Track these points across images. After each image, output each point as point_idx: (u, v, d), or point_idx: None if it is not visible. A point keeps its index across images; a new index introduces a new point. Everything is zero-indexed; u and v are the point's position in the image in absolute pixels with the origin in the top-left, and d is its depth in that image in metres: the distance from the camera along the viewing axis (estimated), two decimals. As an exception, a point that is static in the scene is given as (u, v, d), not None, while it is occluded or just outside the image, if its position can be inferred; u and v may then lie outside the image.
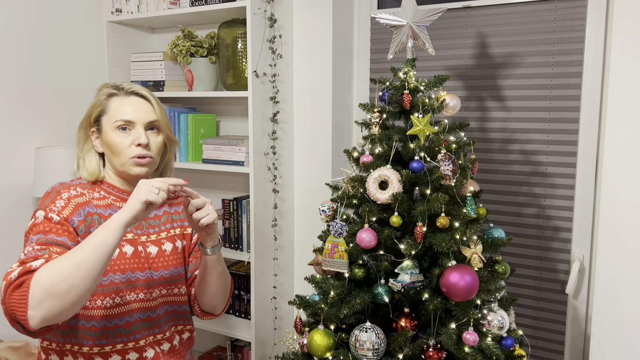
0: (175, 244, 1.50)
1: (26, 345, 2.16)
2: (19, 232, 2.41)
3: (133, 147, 1.38)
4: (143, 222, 1.45)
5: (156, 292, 1.44)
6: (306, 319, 1.76)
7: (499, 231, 1.73)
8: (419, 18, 1.69)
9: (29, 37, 2.41)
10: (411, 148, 1.61)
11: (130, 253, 1.39)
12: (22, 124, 2.40)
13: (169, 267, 1.47)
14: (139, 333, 1.39)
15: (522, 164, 2.14)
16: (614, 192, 1.58)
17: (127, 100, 1.41)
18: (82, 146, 1.45)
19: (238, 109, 2.65)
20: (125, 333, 1.37)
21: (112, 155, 1.40)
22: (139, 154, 1.38)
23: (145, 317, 1.41)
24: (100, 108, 1.41)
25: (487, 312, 1.55)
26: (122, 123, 1.38)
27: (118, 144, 1.38)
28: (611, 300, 1.61)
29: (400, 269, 1.53)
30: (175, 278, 1.49)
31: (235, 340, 2.64)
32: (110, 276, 1.35)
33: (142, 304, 1.40)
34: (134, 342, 1.38)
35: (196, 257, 1.56)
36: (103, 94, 1.42)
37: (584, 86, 2.00)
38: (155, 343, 1.43)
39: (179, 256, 1.51)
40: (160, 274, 1.45)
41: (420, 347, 1.53)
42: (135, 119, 1.39)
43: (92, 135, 1.44)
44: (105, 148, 1.41)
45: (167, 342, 1.46)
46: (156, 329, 1.43)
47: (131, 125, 1.39)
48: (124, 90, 1.42)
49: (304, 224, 2.49)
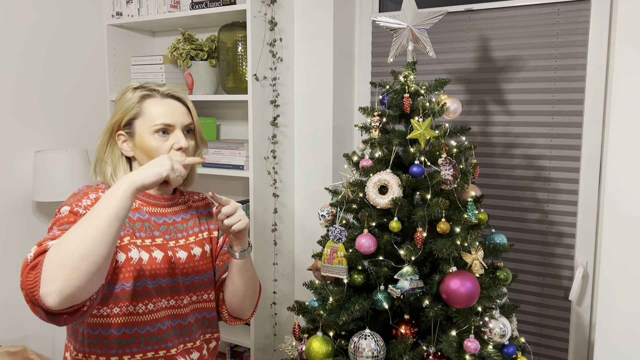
0: (204, 248, 1.46)
1: (23, 350, 2.14)
2: (19, 236, 2.40)
3: (173, 152, 1.35)
4: (171, 227, 1.41)
5: (187, 299, 1.40)
6: (305, 326, 1.74)
7: (500, 237, 1.71)
8: (420, 21, 1.67)
9: (29, 40, 2.41)
10: (411, 152, 1.59)
11: (160, 258, 1.35)
12: (21, 128, 2.39)
13: (199, 272, 1.44)
14: (170, 341, 1.35)
15: (525, 168, 2.11)
16: (618, 197, 1.56)
17: (164, 103, 1.36)
18: (110, 151, 1.39)
19: (238, 112, 2.63)
20: (157, 341, 1.33)
21: (148, 160, 1.35)
22: (181, 159, 1.35)
23: (176, 325, 1.37)
24: (135, 111, 1.35)
25: (488, 319, 1.52)
26: (161, 127, 1.34)
27: (158, 148, 1.34)
28: (615, 307, 1.58)
29: (400, 275, 1.51)
30: (205, 283, 1.46)
31: (235, 346, 2.62)
32: (142, 281, 1.31)
33: (173, 311, 1.37)
34: (165, 350, 1.34)
35: (223, 260, 1.53)
36: (136, 96, 1.37)
37: (587, 90, 1.98)
38: (185, 352, 1.39)
39: (208, 260, 1.48)
40: (191, 279, 1.42)
41: (420, 355, 1.51)
42: (174, 122, 1.35)
43: (119, 139, 1.38)
44: (139, 152, 1.36)
45: (197, 351, 1.43)
46: (187, 337, 1.40)
47: (170, 129, 1.35)
48: (159, 93, 1.38)
49: (305, 228, 2.47)
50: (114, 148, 1.39)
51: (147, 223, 1.36)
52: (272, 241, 2.36)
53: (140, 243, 1.33)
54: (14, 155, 2.37)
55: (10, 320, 2.38)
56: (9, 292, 2.37)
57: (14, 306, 2.39)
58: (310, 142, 2.41)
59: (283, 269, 2.44)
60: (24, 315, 2.43)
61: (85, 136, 2.67)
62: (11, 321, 2.38)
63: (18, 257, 2.40)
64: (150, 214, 1.38)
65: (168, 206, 1.43)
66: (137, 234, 1.33)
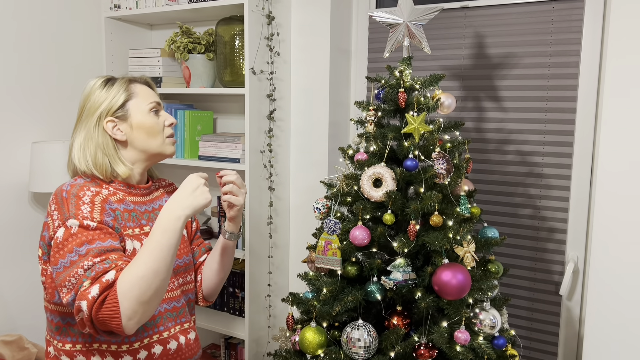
0: (182, 232, 1.51)
1: (19, 340, 2.15)
2: (15, 227, 2.40)
3: (166, 128, 1.46)
4: (152, 215, 1.46)
5: (177, 282, 1.48)
6: (299, 317, 1.76)
7: (492, 231, 1.73)
8: (415, 17, 1.69)
9: (27, 32, 2.41)
10: (406, 146, 1.61)
11: None
12: (18, 119, 2.40)
13: (182, 255, 1.52)
14: (162, 325, 1.41)
15: (518, 164, 2.14)
16: (609, 194, 1.58)
17: (145, 86, 1.47)
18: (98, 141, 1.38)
19: (235, 106, 2.64)
20: (151, 326, 1.38)
21: (148, 138, 1.41)
22: (172, 133, 1.48)
23: (171, 308, 1.44)
24: (127, 93, 1.41)
25: (479, 311, 1.55)
26: (154, 105, 1.44)
27: (156, 124, 1.43)
28: (605, 302, 1.61)
29: (393, 266, 1.53)
30: (188, 265, 1.54)
31: (229, 338, 2.63)
32: None
33: (167, 295, 1.43)
34: (158, 334, 1.40)
35: (198, 245, 1.65)
36: (120, 83, 1.42)
37: (580, 88, 2.00)
38: (182, 332, 1.46)
39: (187, 244, 1.57)
40: (175, 263, 1.48)
41: (411, 346, 1.53)
42: (160, 101, 1.47)
43: (108, 125, 1.39)
44: (136, 132, 1.40)
45: (193, 330, 1.51)
46: (183, 318, 1.47)
47: (159, 107, 1.46)
48: (137, 79, 1.47)
49: (300, 222, 2.49)
50: (105, 137, 1.39)
51: (133, 213, 1.41)
52: (268, 234, 2.38)
53: (131, 233, 1.37)
54: (11, 146, 2.38)
55: (4, 311, 2.39)
56: (3, 283, 2.38)
57: (8, 297, 2.40)
58: (306, 136, 2.43)
59: (278, 262, 2.46)
60: (18, 306, 2.44)
61: (82, 128, 2.67)
62: (5, 312, 2.39)
63: (14, 248, 2.41)
64: (134, 204, 1.42)
65: (147, 194, 1.49)
66: (127, 225, 1.37)
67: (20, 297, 2.44)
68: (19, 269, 2.43)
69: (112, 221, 1.31)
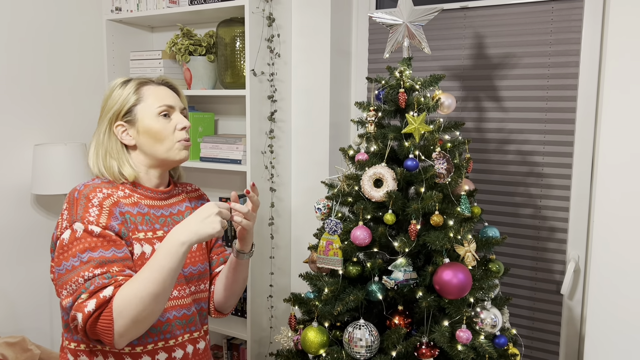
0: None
1: (22, 341, 2.16)
2: (18, 229, 2.42)
3: (177, 132, 1.40)
4: (168, 219, 1.44)
5: (188, 290, 1.44)
6: (301, 317, 1.77)
7: (493, 230, 1.74)
8: (415, 17, 1.70)
9: (29, 34, 2.43)
10: (406, 146, 1.62)
11: None
12: (21, 121, 2.41)
13: (196, 262, 1.48)
14: (169, 332, 1.38)
15: (519, 164, 2.14)
16: (609, 193, 1.59)
17: (161, 88, 1.42)
18: (110, 145, 1.39)
19: (236, 107, 2.65)
20: (157, 332, 1.36)
21: (154, 143, 1.37)
22: (186, 137, 1.41)
23: (181, 315, 1.40)
24: (135, 97, 1.38)
25: (480, 310, 1.55)
26: (165, 108, 1.38)
27: (163, 129, 1.38)
28: (606, 301, 1.61)
29: (394, 266, 1.54)
30: (202, 274, 1.50)
31: (232, 339, 2.64)
32: None
33: (177, 302, 1.40)
34: (163, 341, 1.37)
35: (217, 254, 1.59)
36: (132, 85, 1.40)
37: (580, 87, 2.01)
38: (191, 341, 1.43)
39: (204, 252, 1.52)
40: (189, 270, 1.45)
41: (413, 345, 1.54)
42: (174, 104, 1.41)
43: (117, 129, 1.39)
44: (143, 137, 1.38)
45: (203, 340, 1.47)
46: (193, 327, 1.44)
47: (171, 111, 1.40)
48: (154, 81, 1.43)
49: (301, 222, 2.50)
50: (113, 141, 1.40)
51: (147, 216, 1.38)
52: (269, 235, 2.38)
53: (143, 236, 1.35)
54: (13, 149, 2.39)
55: (8, 313, 2.40)
56: (6, 285, 2.39)
57: (11, 298, 2.41)
58: (307, 137, 2.44)
59: (280, 263, 2.47)
60: (21, 308, 2.45)
61: (84, 130, 2.69)
62: (9, 313, 2.40)
63: (17, 249, 2.42)
64: (149, 207, 1.40)
65: (165, 199, 1.46)
66: (139, 228, 1.35)
67: (23, 298, 2.45)
68: (21, 271, 2.44)
69: (120, 225, 1.29)
